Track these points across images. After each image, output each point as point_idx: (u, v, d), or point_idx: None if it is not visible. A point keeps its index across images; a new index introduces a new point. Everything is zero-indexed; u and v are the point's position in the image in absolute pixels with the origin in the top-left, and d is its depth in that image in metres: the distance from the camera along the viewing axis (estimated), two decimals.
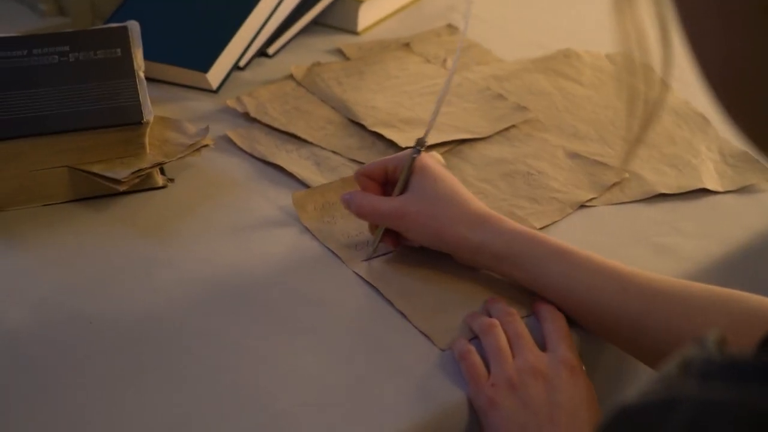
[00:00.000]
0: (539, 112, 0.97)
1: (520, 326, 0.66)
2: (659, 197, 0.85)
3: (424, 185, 0.73)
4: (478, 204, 0.72)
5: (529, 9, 1.26)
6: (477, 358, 0.64)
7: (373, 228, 0.76)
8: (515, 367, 0.63)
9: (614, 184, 0.86)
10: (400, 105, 0.98)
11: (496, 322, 0.66)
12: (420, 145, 0.75)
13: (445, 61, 1.08)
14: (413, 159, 0.74)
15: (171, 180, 0.85)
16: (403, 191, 0.73)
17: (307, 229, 0.79)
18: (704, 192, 0.85)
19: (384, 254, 0.76)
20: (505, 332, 0.66)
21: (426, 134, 0.76)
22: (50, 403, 0.62)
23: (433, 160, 0.75)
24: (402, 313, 0.70)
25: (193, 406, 0.62)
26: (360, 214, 0.75)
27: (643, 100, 0.40)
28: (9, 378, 0.64)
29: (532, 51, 1.11)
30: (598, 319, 0.67)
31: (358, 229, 0.78)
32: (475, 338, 0.67)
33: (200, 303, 0.71)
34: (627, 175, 0.87)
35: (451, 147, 0.91)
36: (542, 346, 0.66)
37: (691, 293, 0.64)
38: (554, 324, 0.67)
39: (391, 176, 0.75)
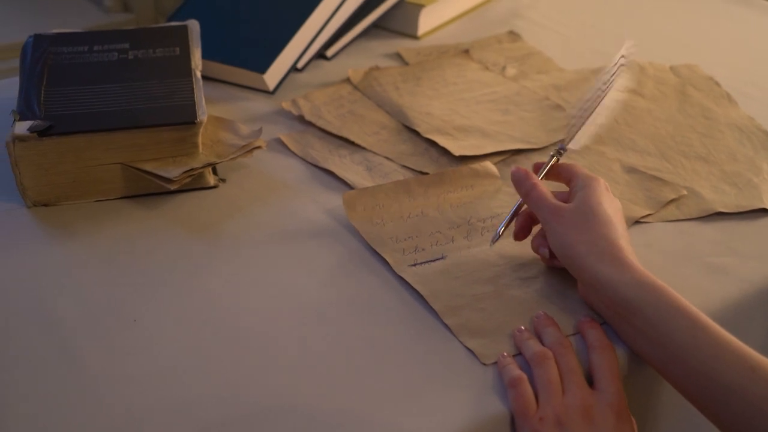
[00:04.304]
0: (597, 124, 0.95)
1: (573, 360, 0.65)
2: (716, 216, 0.82)
3: (587, 203, 0.70)
4: (623, 243, 0.67)
5: (593, 18, 1.24)
6: (528, 389, 0.63)
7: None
8: (564, 403, 0.62)
9: (671, 201, 0.83)
10: (456, 112, 0.97)
11: (549, 354, 0.65)
12: (562, 150, 0.77)
13: (504, 69, 1.07)
14: (553, 158, 0.76)
15: (222, 180, 0.85)
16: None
17: (356, 235, 0.78)
18: (764, 212, 0.83)
19: (431, 261, 0.75)
20: (557, 364, 0.64)
21: (568, 140, 0.78)
22: (93, 394, 0.62)
23: (604, 182, 0.73)
24: (448, 327, 0.69)
25: (236, 407, 0.62)
26: (526, 194, 0.73)
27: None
28: (55, 365, 0.64)
29: (593, 61, 1.09)
30: (711, 393, 0.60)
31: (407, 233, 0.78)
32: (518, 354, 0.66)
33: (246, 304, 0.71)
34: (685, 192, 0.84)
35: (506, 156, 0.90)
36: (586, 369, 0.65)
37: None
38: (604, 358, 0.65)
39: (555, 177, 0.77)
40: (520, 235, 0.76)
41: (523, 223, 0.76)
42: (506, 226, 0.75)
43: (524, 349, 0.66)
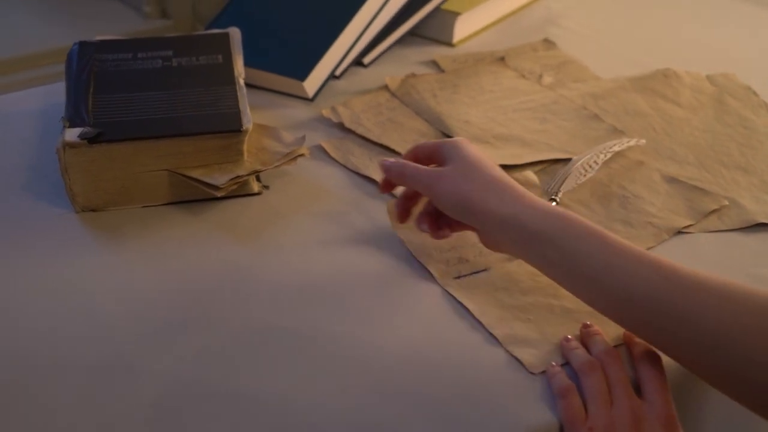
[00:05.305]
0: (635, 133, 0.96)
1: (622, 371, 0.65)
2: (759, 227, 0.82)
3: (465, 158, 0.71)
4: (514, 182, 0.69)
5: (628, 25, 1.25)
6: (577, 399, 0.63)
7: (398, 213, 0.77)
8: (613, 414, 0.62)
9: (712, 212, 0.84)
10: (494, 120, 0.98)
11: (597, 363, 0.65)
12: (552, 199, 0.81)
13: (540, 77, 1.07)
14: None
15: (266, 187, 0.86)
16: None
17: (399, 243, 0.79)
18: None
19: (475, 273, 0.76)
20: (605, 374, 0.65)
21: (557, 192, 0.82)
22: (144, 399, 0.63)
23: (472, 144, 0.74)
24: (493, 336, 0.69)
25: (285, 415, 0.63)
26: (400, 173, 0.74)
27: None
28: (104, 369, 0.66)
29: (629, 69, 1.09)
30: (637, 312, 0.62)
31: (450, 243, 0.78)
32: (566, 364, 0.67)
33: (289, 311, 0.72)
34: (726, 202, 0.85)
35: (545, 165, 0.90)
36: (634, 383, 0.65)
37: (739, 291, 0.59)
38: (652, 368, 0.65)
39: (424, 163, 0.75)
40: (403, 217, 0.77)
41: (403, 204, 0.77)
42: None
43: (572, 358, 0.67)
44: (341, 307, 0.73)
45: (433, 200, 0.73)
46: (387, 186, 0.77)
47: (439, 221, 0.74)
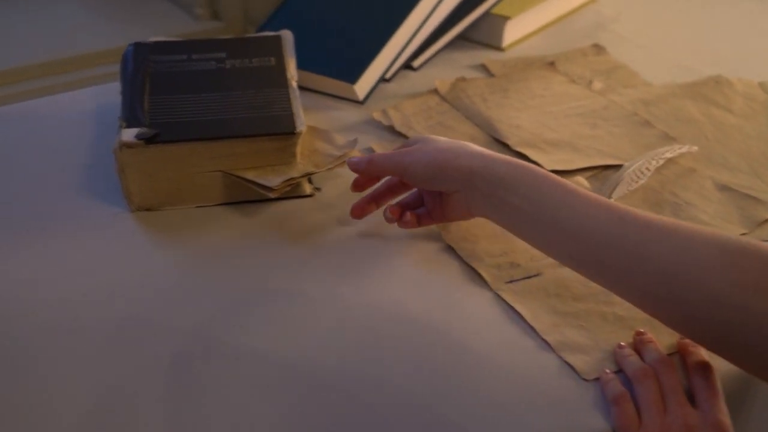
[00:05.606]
0: (687, 140, 0.95)
1: (675, 379, 0.65)
2: None
3: (427, 139, 0.77)
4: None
5: (679, 31, 1.24)
6: (631, 406, 0.63)
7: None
8: (667, 422, 0.62)
9: (766, 220, 0.83)
10: (545, 125, 0.97)
11: (651, 371, 0.65)
12: None
13: (590, 82, 1.07)
14: None
15: (318, 189, 0.87)
16: None
17: (450, 248, 0.79)
18: None
19: (527, 277, 0.76)
20: (659, 382, 0.65)
21: (609, 198, 0.82)
22: (200, 398, 0.64)
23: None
24: (546, 341, 0.69)
25: (348, 416, 0.63)
26: (369, 161, 0.78)
27: None
28: (162, 369, 0.66)
29: (680, 75, 1.09)
30: (593, 250, 0.64)
31: (501, 249, 0.79)
32: (619, 371, 0.67)
33: (341, 313, 0.73)
34: None
35: (596, 171, 0.90)
36: (687, 391, 0.65)
37: (686, 227, 0.62)
38: (706, 377, 0.65)
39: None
40: (379, 200, 0.82)
41: (366, 201, 0.82)
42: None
43: (625, 365, 0.67)
44: (394, 310, 0.73)
45: (404, 175, 0.76)
46: (357, 185, 0.82)
47: (405, 212, 0.79)
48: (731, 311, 0.57)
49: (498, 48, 1.17)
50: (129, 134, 0.80)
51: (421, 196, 0.81)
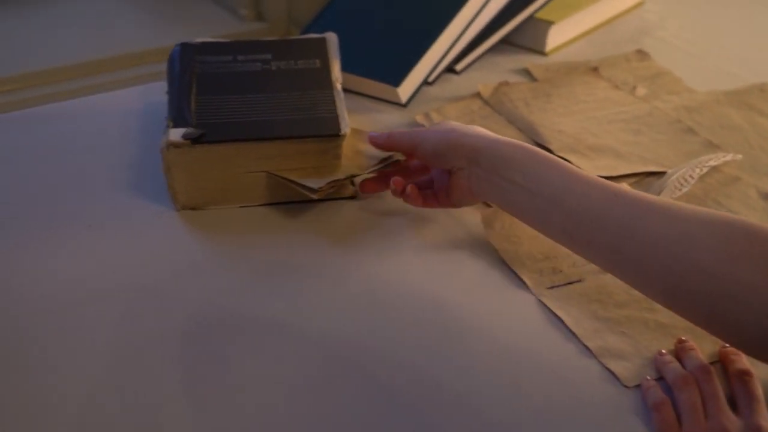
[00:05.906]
0: (731, 148, 0.95)
1: (716, 387, 0.65)
2: None
3: (440, 122, 0.81)
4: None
5: (723, 38, 1.23)
6: (672, 413, 0.63)
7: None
8: (708, 429, 0.62)
9: None
10: (587, 131, 0.97)
11: (692, 378, 0.65)
12: None
13: (634, 88, 1.06)
14: None
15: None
16: None
17: (493, 251, 0.80)
18: None
19: (569, 283, 0.76)
20: (700, 389, 0.65)
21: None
22: (241, 398, 0.65)
23: None
24: (587, 347, 0.69)
25: (382, 417, 0.64)
26: (389, 136, 0.82)
27: None
28: (205, 367, 0.67)
29: (724, 82, 1.08)
30: (586, 226, 0.66)
31: (544, 253, 0.79)
32: (660, 379, 0.67)
33: (382, 315, 0.73)
34: None
35: (639, 178, 0.90)
36: (728, 399, 0.65)
37: (678, 204, 0.63)
38: (747, 385, 0.65)
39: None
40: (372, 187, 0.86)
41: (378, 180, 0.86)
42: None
43: (666, 372, 0.67)
44: (437, 310, 0.73)
45: (416, 150, 0.79)
46: (397, 190, 0.83)
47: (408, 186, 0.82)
48: (719, 282, 0.57)
49: (541, 53, 1.17)
50: (176, 134, 0.81)
51: (431, 180, 0.83)
